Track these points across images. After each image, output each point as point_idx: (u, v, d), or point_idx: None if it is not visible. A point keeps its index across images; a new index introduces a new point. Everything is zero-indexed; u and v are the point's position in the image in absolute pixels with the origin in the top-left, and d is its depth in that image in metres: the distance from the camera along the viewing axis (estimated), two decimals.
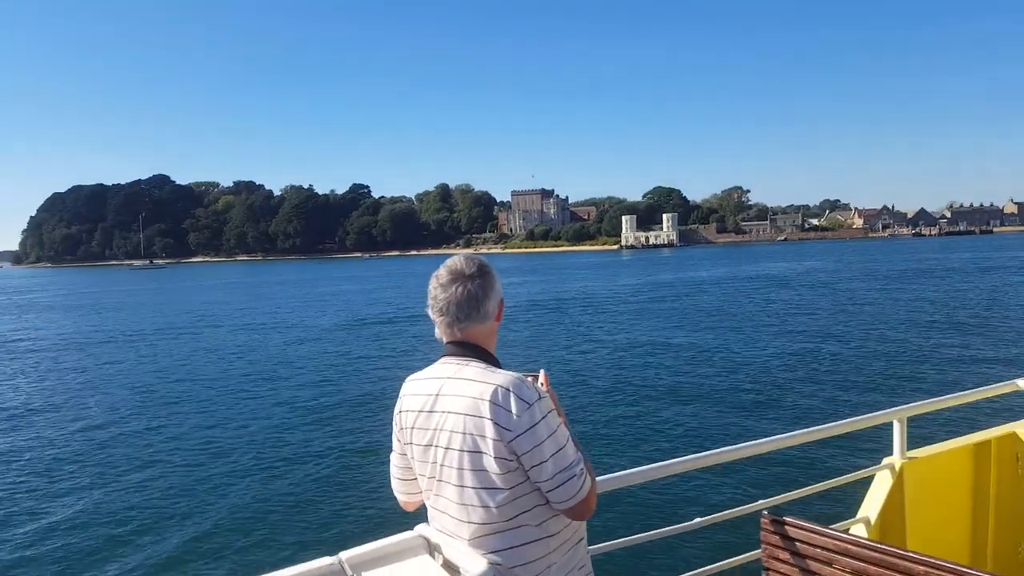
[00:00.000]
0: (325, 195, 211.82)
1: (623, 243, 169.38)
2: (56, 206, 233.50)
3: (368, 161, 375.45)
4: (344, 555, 1.81)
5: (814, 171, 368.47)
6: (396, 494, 2.09)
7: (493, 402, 1.74)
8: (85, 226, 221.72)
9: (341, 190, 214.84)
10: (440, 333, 1.92)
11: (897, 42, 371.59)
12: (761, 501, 2.86)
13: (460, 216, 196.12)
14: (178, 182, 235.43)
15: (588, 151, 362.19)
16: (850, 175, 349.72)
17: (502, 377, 1.78)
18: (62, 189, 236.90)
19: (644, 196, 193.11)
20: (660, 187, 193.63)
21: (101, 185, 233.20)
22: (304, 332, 30.85)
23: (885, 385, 15.78)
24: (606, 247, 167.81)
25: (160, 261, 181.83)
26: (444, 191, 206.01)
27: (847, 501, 4.48)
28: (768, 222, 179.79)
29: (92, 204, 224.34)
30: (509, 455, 1.75)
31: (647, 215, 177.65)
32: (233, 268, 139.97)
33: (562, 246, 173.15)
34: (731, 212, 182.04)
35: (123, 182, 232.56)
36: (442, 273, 1.90)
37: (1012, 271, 50.98)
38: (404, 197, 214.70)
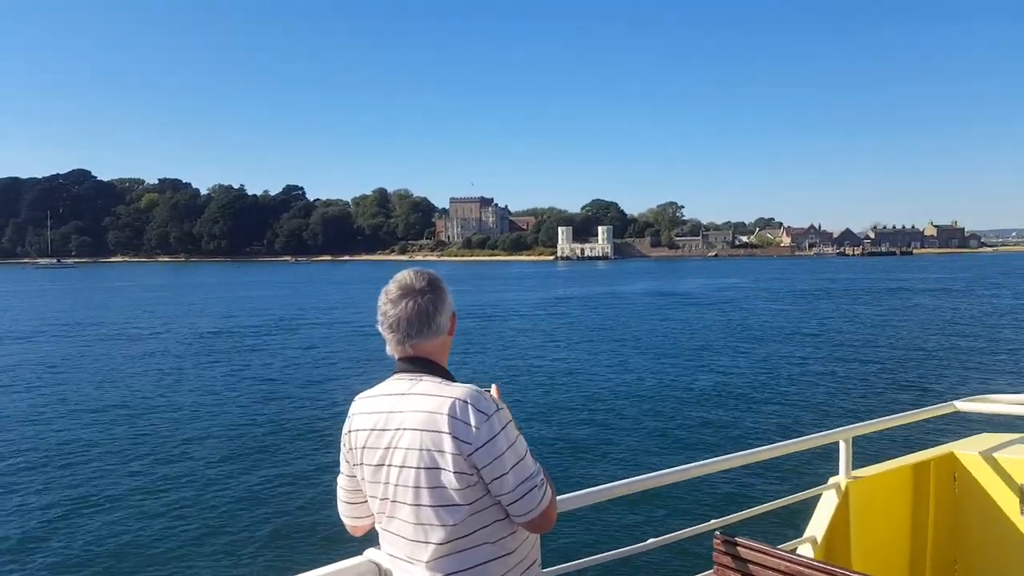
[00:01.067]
0: (255, 196, 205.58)
1: (559, 254, 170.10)
2: None
3: (306, 164, 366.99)
4: None
5: (750, 188, 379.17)
6: (343, 518, 2.01)
7: (451, 415, 1.69)
8: None
9: (275, 191, 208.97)
10: (391, 349, 1.87)
11: (843, 53, 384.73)
12: (714, 521, 2.86)
13: (397, 222, 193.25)
14: (100, 178, 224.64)
15: (533, 162, 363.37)
16: (783, 194, 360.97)
17: (459, 390, 1.74)
18: None
19: (583, 208, 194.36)
20: (599, 200, 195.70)
21: (15, 179, 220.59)
22: (237, 342, 29.59)
23: (830, 405, 16.00)
24: (542, 257, 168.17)
25: (69, 260, 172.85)
26: (382, 195, 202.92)
27: (796, 520, 4.46)
28: (700, 238, 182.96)
29: (5, 198, 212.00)
30: (469, 469, 1.70)
31: (584, 227, 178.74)
32: (150, 269, 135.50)
33: (498, 255, 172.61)
34: (665, 227, 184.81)
35: (40, 176, 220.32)
36: (392, 288, 1.86)
37: (930, 293, 52.73)
38: (340, 200, 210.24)
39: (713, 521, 2.84)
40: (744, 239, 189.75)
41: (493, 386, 1.86)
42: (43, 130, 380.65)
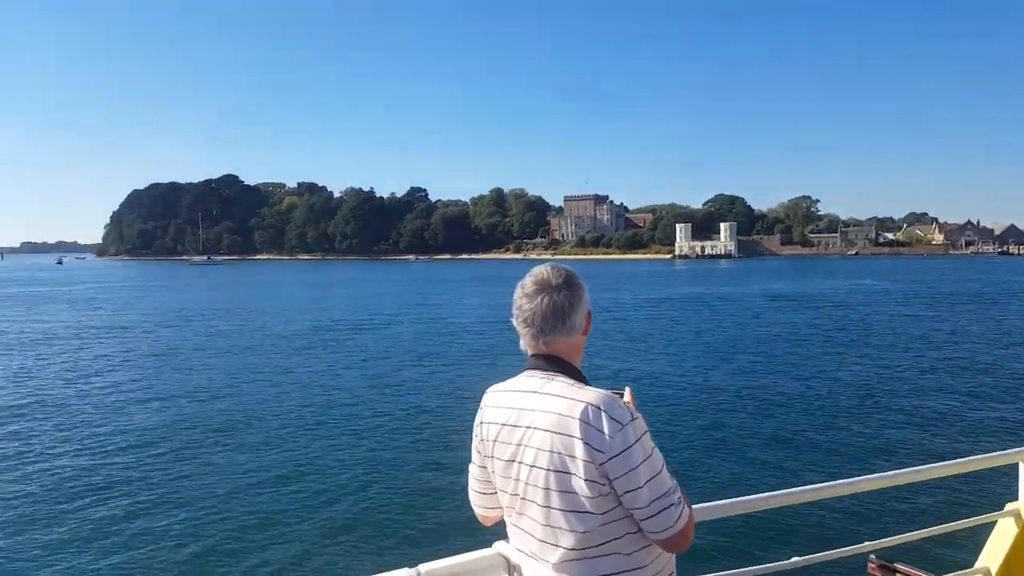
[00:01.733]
0: (382, 197, 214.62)
1: (676, 253, 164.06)
2: (135, 202, 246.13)
3: (431, 166, 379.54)
4: (423, 568, 1.81)
5: (899, 180, 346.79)
6: (474, 507, 2.04)
7: (583, 421, 1.66)
8: (160, 222, 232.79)
9: (401, 193, 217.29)
10: (524, 344, 1.87)
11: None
12: (867, 543, 2.74)
13: (512, 221, 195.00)
14: (247, 182, 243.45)
15: (652, 158, 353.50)
16: (937, 186, 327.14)
17: (592, 394, 1.71)
18: (141, 186, 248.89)
19: (705, 204, 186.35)
20: (722, 195, 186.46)
21: (175, 183, 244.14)
22: (373, 336, 30.91)
23: (1004, 422, 14.53)
24: (658, 256, 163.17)
25: (219, 257, 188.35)
26: (498, 195, 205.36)
27: (962, 549, 4.08)
28: (838, 235, 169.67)
29: (167, 201, 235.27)
30: (601, 478, 1.66)
31: (705, 224, 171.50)
32: (290, 267, 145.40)
33: (613, 254, 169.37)
34: (798, 223, 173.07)
35: (196, 180, 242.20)
36: (527, 283, 1.85)
37: None
38: (459, 201, 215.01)
39: (866, 543, 2.73)
40: (889, 236, 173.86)
41: (627, 389, 1.84)
42: (198, 139, 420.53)
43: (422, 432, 14.20)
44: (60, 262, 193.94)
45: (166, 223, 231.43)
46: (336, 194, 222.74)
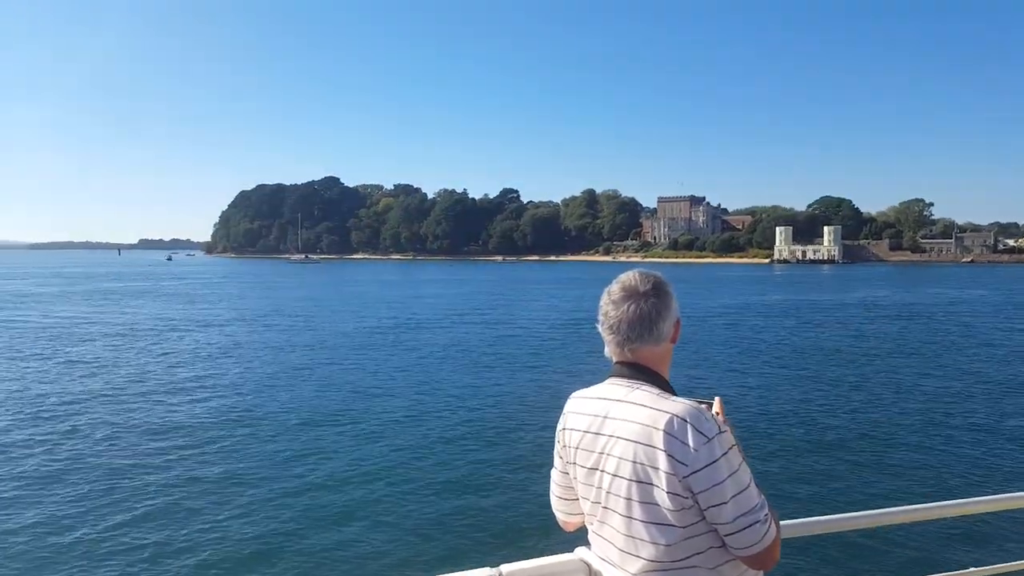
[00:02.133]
0: (474, 199, 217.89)
1: (775, 257, 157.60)
2: (242, 202, 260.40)
3: (523, 167, 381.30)
4: (505, 568, 1.81)
5: None
6: (556, 512, 2.04)
7: (668, 432, 1.64)
8: (265, 221, 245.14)
9: (494, 194, 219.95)
10: (610, 352, 1.85)
11: None
12: (973, 570, 2.48)
13: (603, 222, 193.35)
14: (347, 184, 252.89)
15: (752, 157, 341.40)
16: None
17: (678, 406, 1.68)
18: (249, 187, 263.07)
19: (809, 206, 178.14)
20: (827, 196, 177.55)
21: (281, 185, 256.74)
22: (456, 336, 31.11)
23: None
24: (756, 260, 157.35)
25: (315, 256, 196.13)
26: (590, 196, 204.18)
27: None
28: (953, 240, 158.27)
29: (272, 202, 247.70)
30: (684, 492, 1.64)
31: (808, 227, 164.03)
32: (382, 266, 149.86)
33: (707, 257, 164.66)
34: (909, 227, 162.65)
35: (300, 182, 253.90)
36: (614, 289, 1.83)
37: None
38: (551, 202, 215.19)
39: (972, 570, 2.51)
40: (1011, 243, 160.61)
41: (716, 400, 1.81)
42: (301, 143, 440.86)
43: (504, 433, 14.26)
44: (170, 258, 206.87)
45: (270, 223, 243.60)
46: (429, 196, 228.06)
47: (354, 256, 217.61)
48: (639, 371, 1.79)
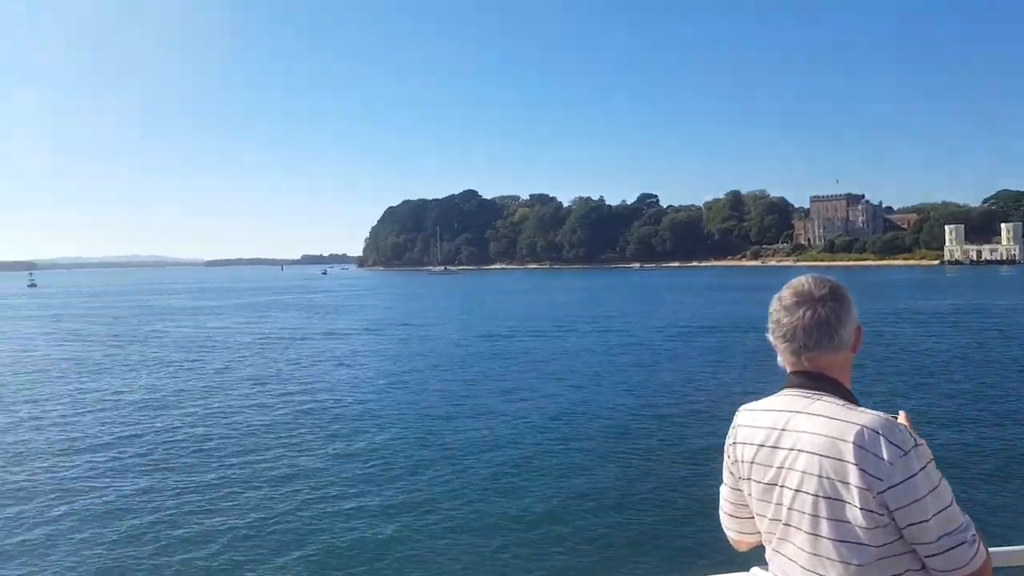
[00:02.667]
0: (610, 205, 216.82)
1: (945, 257, 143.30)
2: (389, 218, 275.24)
3: (663, 172, 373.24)
4: None
5: None
6: (726, 530, 1.98)
7: (858, 445, 1.56)
8: (410, 235, 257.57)
9: (632, 200, 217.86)
10: (783, 361, 1.78)
11: None
12: None
13: (750, 225, 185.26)
14: (485, 196, 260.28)
15: (919, 150, 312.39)
16: None
17: (867, 416, 1.61)
18: (395, 203, 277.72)
19: (984, 202, 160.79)
20: (1006, 191, 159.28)
21: (424, 200, 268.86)
22: (594, 344, 30.88)
23: None
24: (923, 262, 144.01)
25: (453, 267, 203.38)
26: (735, 198, 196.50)
27: None
28: None
29: (416, 216, 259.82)
30: (879, 508, 1.56)
31: (983, 224, 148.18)
32: (518, 275, 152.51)
33: (867, 259, 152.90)
34: None
35: (441, 196, 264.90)
36: (786, 295, 1.76)
37: None
38: (692, 206, 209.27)
39: None
40: None
41: (901, 413, 1.75)
42: (442, 158, 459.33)
43: (662, 447, 13.82)
44: (324, 272, 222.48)
45: (415, 236, 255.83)
46: (565, 204, 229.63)
47: (492, 266, 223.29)
48: (818, 380, 1.71)
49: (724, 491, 1.93)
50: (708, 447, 12.62)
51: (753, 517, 1.83)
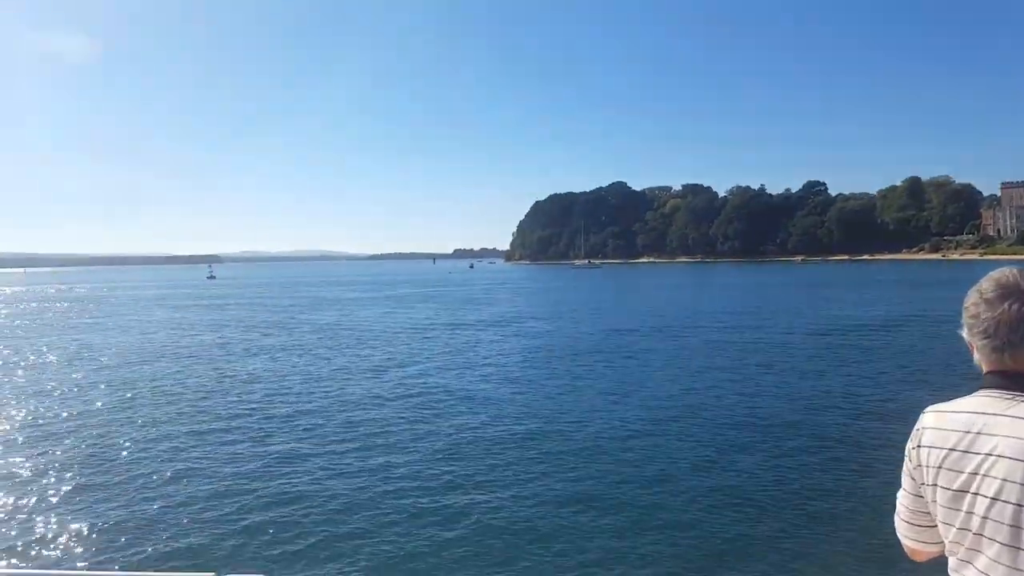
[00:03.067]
0: (770, 195, 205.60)
1: None
2: (536, 212, 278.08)
3: (834, 157, 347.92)
4: None
5: None
6: (903, 538, 1.90)
7: None
8: (556, 229, 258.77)
9: (796, 188, 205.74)
10: (981, 359, 1.70)
11: None
12: None
13: (931, 215, 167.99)
14: (634, 188, 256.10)
15: None
16: None
17: None
18: (542, 198, 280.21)
19: None
20: None
21: (571, 193, 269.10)
22: (754, 340, 29.77)
23: None
24: None
25: (597, 261, 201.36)
26: (913, 185, 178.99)
27: None
28: None
29: (562, 210, 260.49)
30: None
31: None
32: (668, 269, 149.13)
33: None
34: None
35: (588, 189, 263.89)
36: (987, 287, 1.67)
37: None
38: (865, 194, 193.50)
39: None
40: None
41: None
42: (594, 151, 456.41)
43: (824, 446, 13.43)
44: (471, 266, 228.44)
45: (561, 230, 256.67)
46: (720, 194, 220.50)
47: (639, 260, 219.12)
48: (1022, 381, 1.61)
49: (902, 497, 1.84)
50: (875, 450, 12.50)
51: (934, 526, 1.75)
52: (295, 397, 19.23)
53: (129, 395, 19.88)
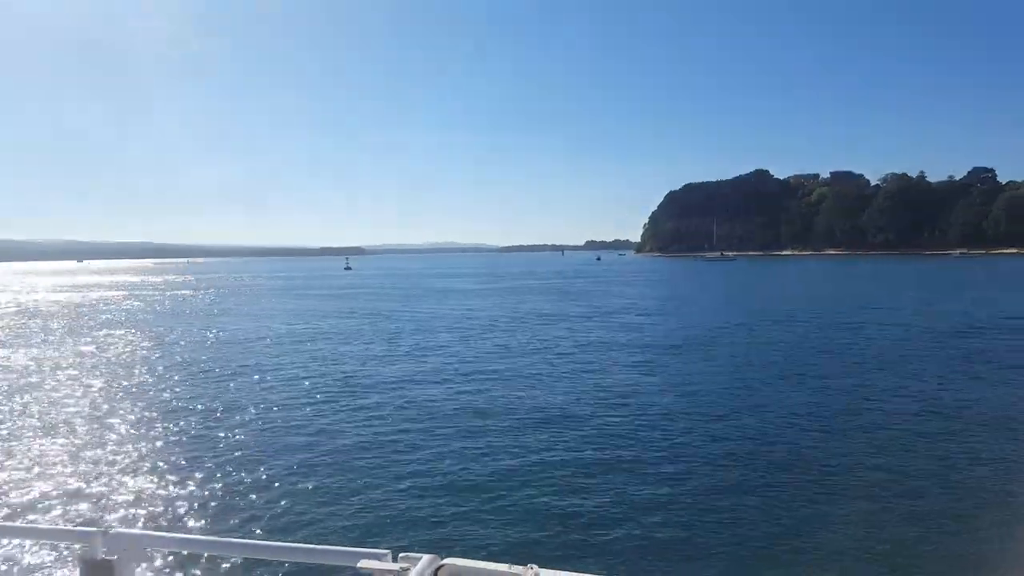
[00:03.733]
0: (929, 182, 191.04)
1: None
2: (670, 202, 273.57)
3: (1004, 144, 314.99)
4: None
5: None
6: None
7: None
8: (691, 220, 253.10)
9: (960, 175, 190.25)
10: None
11: None
12: None
13: None
14: (778, 176, 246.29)
15: None
16: None
17: None
18: (677, 187, 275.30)
19: None
20: None
21: (707, 183, 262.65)
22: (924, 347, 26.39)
23: None
24: None
25: (730, 254, 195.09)
26: None
27: None
28: None
29: (697, 200, 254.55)
30: None
31: None
32: (810, 263, 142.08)
33: None
34: None
35: (727, 178, 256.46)
36: None
37: None
38: None
39: None
40: None
41: None
42: (736, 138, 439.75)
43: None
44: (599, 259, 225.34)
45: (695, 221, 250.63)
46: (873, 182, 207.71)
47: (781, 252, 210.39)
48: None
49: None
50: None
51: None
52: (456, 383, 19.90)
53: (295, 378, 21.50)
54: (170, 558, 8.27)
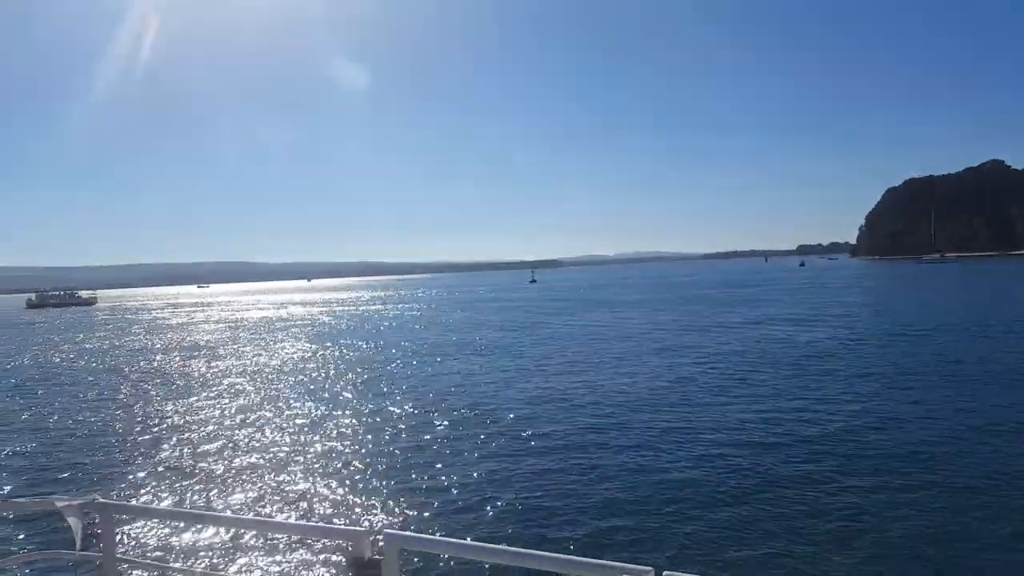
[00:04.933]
0: None
1: None
2: (888, 200, 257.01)
3: None
4: None
5: None
6: None
7: None
8: (911, 219, 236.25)
9: None
10: None
11: None
12: None
13: None
14: (1013, 167, 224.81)
15: None
16: None
17: None
18: (896, 183, 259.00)
19: None
20: None
21: (931, 177, 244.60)
22: None
23: None
24: None
25: (951, 255, 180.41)
26: None
27: None
28: None
29: (919, 197, 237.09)
30: None
31: None
32: None
33: None
34: None
35: (953, 172, 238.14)
36: None
37: None
38: None
39: None
40: None
41: None
42: (967, 125, 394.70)
43: None
44: (802, 264, 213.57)
45: (916, 220, 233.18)
46: None
47: (1018, 252, 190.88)
48: None
49: None
50: None
51: None
52: (707, 399, 18.87)
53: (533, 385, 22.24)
54: (434, 561, 8.63)
